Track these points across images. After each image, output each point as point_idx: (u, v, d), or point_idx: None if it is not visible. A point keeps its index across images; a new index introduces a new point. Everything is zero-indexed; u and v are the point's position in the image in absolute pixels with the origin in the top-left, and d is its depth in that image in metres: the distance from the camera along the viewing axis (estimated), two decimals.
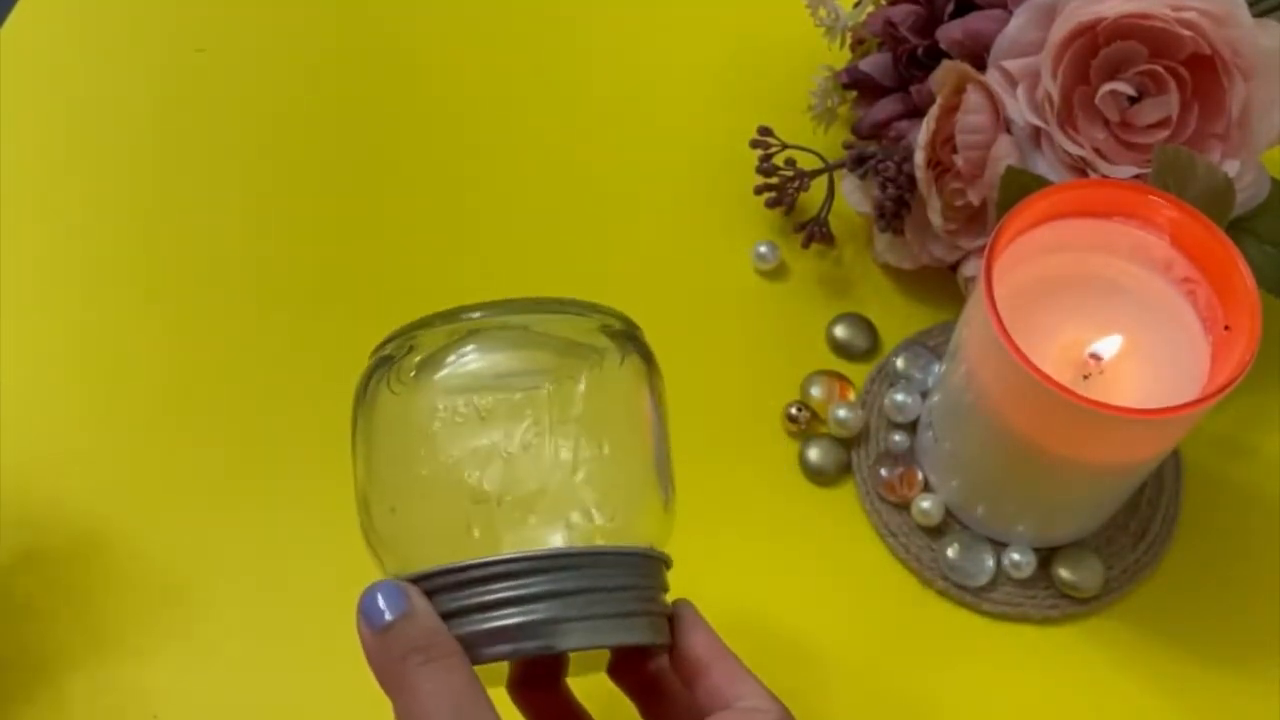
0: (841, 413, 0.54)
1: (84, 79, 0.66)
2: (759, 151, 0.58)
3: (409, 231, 0.61)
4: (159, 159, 0.63)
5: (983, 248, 0.47)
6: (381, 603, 0.33)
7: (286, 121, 0.65)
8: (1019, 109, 0.52)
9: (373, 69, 0.66)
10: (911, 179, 0.54)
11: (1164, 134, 0.51)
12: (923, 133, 0.53)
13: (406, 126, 0.64)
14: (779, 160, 0.58)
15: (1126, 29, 0.50)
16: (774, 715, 0.35)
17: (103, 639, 0.51)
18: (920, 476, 0.53)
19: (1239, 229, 0.52)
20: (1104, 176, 0.51)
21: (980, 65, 0.54)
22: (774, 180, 0.58)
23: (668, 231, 0.61)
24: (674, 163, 0.63)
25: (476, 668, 0.34)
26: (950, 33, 0.54)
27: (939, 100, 0.53)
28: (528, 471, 0.35)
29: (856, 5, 0.59)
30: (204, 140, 0.64)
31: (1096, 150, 0.51)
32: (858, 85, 0.59)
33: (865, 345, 0.57)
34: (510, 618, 0.34)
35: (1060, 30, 0.50)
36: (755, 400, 0.56)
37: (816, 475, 0.54)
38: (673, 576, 0.52)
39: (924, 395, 0.55)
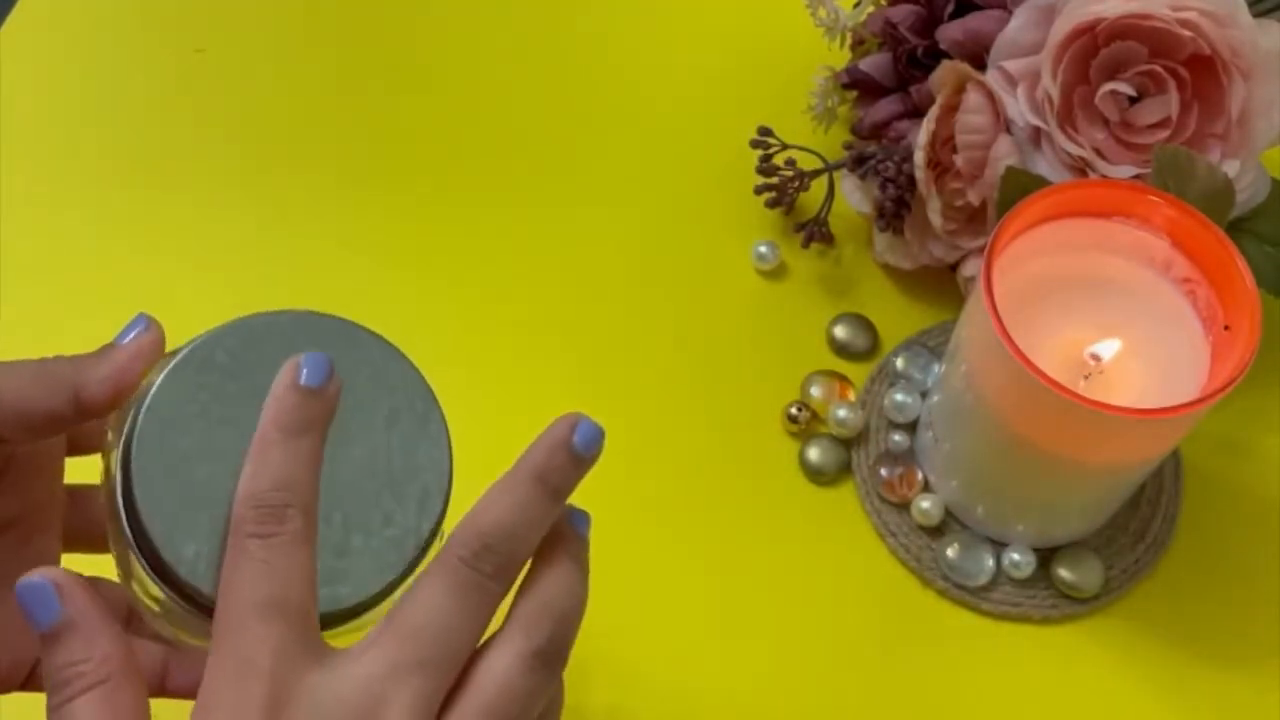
0: (841, 413, 0.54)
1: (84, 79, 0.66)
2: (759, 151, 0.58)
3: (409, 233, 0.61)
4: (159, 159, 0.63)
5: (983, 248, 0.47)
6: None
7: (286, 122, 0.65)
8: (1019, 109, 0.52)
9: (373, 70, 0.66)
10: (911, 179, 0.54)
11: (1164, 134, 0.51)
12: (923, 133, 0.53)
13: (407, 128, 0.64)
14: (779, 160, 0.58)
15: (1126, 29, 0.50)
16: None
17: None
18: (920, 476, 0.53)
19: (1239, 229, 0.52)
20: (1104, 176, 0.51)
21: (980, 65, 0.54)
22: (774, 180, 0.58)
23: (668, 231, 0.61)
24: (674, 163, 0.63)
25: None
26: (950, 33, 0.54)
27: (939, 100, 0.53)
28: None
29: (856, 5, 0.59)
30: (204, 141, 0.64)
31: (1096, 150, 0.51)
32: (858, 85, 0.59)
33: (865, 345, 0.57)
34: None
35: (1060, 30, 0.50)
36: (755, 400, 0.56)
37: (816, 475, 0.54)
38: (672, 576, 0.52)
39: (924, 395, 0.55)
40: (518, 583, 0.34)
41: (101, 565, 0.40)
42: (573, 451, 0.34)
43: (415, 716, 0.31)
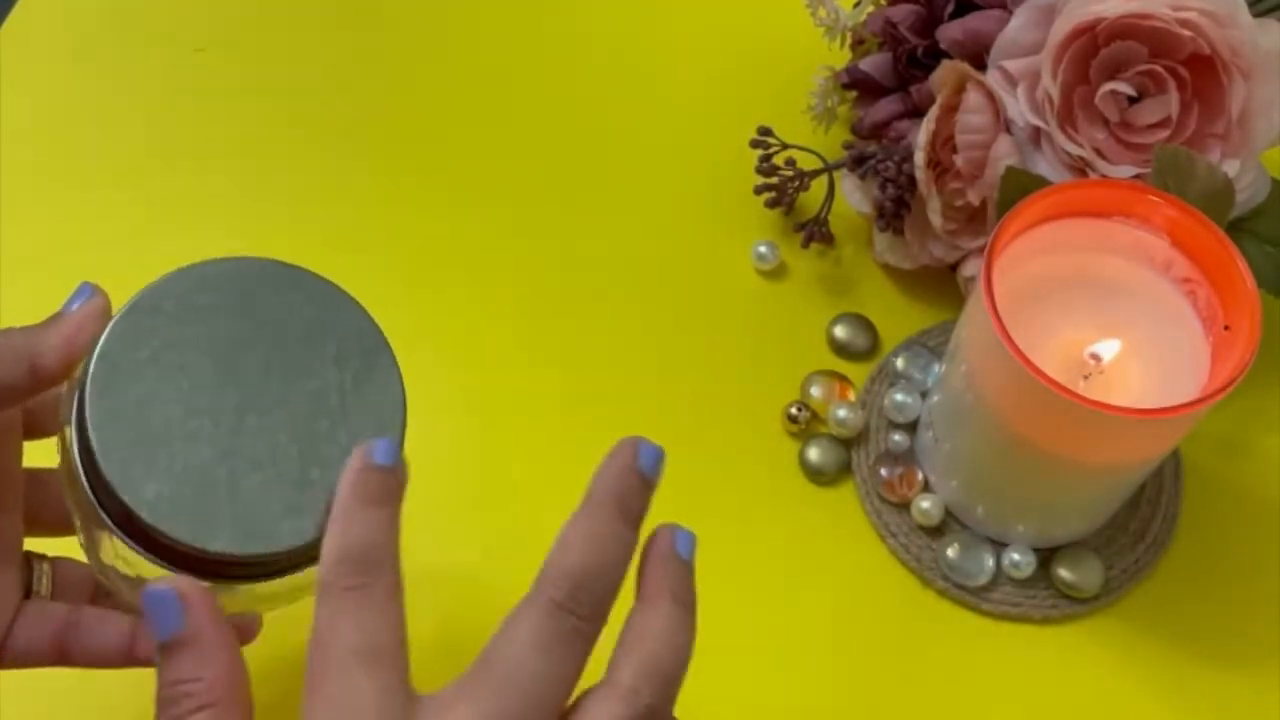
0: (841, 413, 0.54)
1: (84, 79, 0.66)
2: (759, 151, 0.58)
3: (409, 234, 0.61)
4: (158, 159, 0.63)
5: (983, 248, 0.47)
6: None
7: (287, 121, 0.65)
8: (1019, 109, 0.52)
9: (373, 71, 0.66)
10: (911, 179, 0.54)
11: (1164, 134, 0.51)
12: (923, 133, 0.53)
13: (408, 128, 0.64)
14: (779, 160, 0.58)
15: (1126, 29, 0.50)
16: None
17: None
18: (920, 476, 0.53)
19: (1239, 229, 0.52)
20: (1104, 176, 0.51)
21: (980, 65, 0.54)
22: (774, 180, 0.58)
23: (668, 231, 0.61)
24: (674, 163, 0.63)
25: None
26: (950, 33, 0.54)
27: (939, 100, 0.53)
28: None
29: (856, 5, 0.59)
30: (204, 141, 0.64)
31: (1096, 150, 0.51)
32: (858, 85, 0.59)
33: (865, 345, 0.57)
34: None
35: (1060, 30, 0.50)
36: (755, 400, 0.56)
37: (816, 475, 0.54)
38: None
39: (924, 395, 0.55)
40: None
41: (67, 546, 0.40)
42: (641, 474, 0.34)
43: None
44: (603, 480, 0.34)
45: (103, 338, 0.34)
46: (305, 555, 0.34)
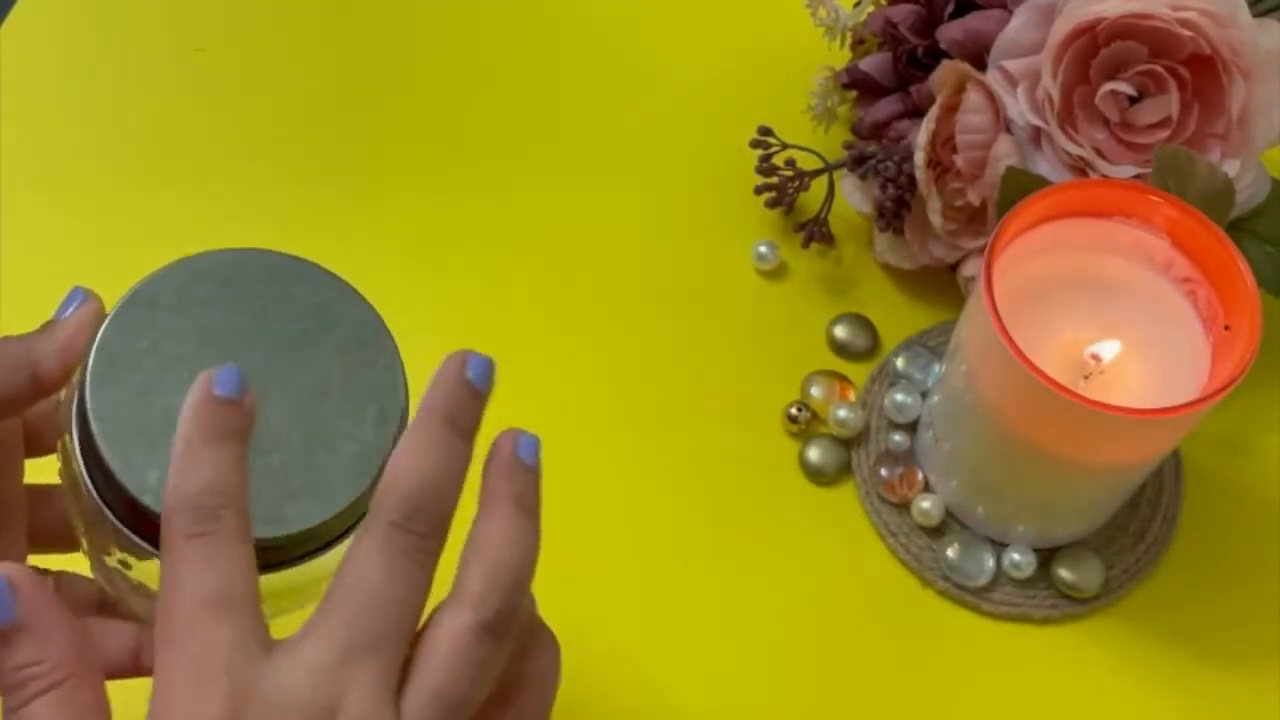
0: (841, 413, 0.54)
1: (84, 79, 0.66)
2: (759, 151, 0.58)
3: (409, 232, 0.61)
4: (159, 159, 0.63)
5: (983, 248, 0.47)
6: None
7: (287, 121, 0.65)
8: (1019, 109, 0.52)
9: (373, 70, 0.66)
10: (911, 179, 0.54)
11: (1164, 134, 0.51)
12: (923, 133, 0.53)
13: (407, 128, 0.64)
14: (779, 160, 0.58)
15: (1126, 29, 0.50)
16: None
17: None
18: (920, 476, 0.53)
19: (1239, 229, 0.52)
20: (1104, 176, 0.51)
21: (980, 65, 0.54)
22: (774, 180, 0.58)
23: (668, 231, 0.61)
24: (674, 163, 0.63)
25: None
26: (950, 33, 0.54)
27: (939, 100, 0.53)
28: None
29: (856, 5, 0.59)
30: (203, 140, 0.64)
31: (1096, 150, 0.51)
32: (858, 85, 0.59)
33: (865, 345, 0.57)
34: None
35: (1060, 30, 0.50)
36: (755, 400, 0.56)
37: (816, 475, 0.54)
38: (671, 576, 0.52)
39: (924, 395, 0.55)
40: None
41: (70, 562, 0.40)
42: (470, 386, 0.34)
43: (377, 697, 0.30)
44: (431, 395, 0.34)
45: (100, 331, 0.34)
46: (311, 544, 0.34)
